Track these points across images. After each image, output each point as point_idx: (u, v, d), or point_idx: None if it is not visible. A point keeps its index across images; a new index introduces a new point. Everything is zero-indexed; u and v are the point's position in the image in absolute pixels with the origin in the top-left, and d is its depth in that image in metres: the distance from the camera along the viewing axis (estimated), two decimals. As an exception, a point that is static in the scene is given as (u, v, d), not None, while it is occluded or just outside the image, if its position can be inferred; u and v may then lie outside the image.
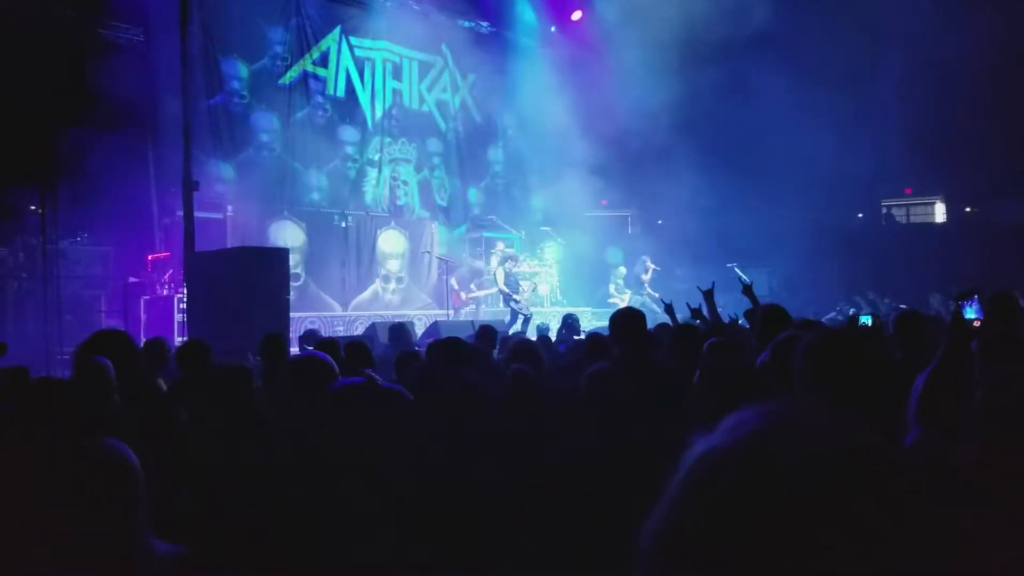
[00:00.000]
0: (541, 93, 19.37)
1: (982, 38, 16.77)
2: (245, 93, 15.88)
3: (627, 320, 4.47)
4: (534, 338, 8.74)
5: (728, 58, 17.43)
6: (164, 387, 4.65)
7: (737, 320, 6.92)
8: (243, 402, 3.28)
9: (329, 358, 2.98)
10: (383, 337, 11.17)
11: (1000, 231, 19.23)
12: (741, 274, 16.46)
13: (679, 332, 5.08)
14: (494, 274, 15.82)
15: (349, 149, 17.58)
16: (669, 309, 6.88)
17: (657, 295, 17.98)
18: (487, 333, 7.18)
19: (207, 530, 2.45)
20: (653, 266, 18.86)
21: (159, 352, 5.77)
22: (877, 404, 1.96)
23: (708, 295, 6.36)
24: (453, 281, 16.67)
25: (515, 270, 15.58)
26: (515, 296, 15.05)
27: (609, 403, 3.18)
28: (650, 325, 5.57)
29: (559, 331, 10.44)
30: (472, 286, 17.30)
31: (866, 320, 6.49)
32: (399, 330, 8.35)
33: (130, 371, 4.01)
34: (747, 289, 6.29)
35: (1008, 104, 17.38)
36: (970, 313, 2.83)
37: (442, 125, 19.45)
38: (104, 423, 2.72)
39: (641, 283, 18.68)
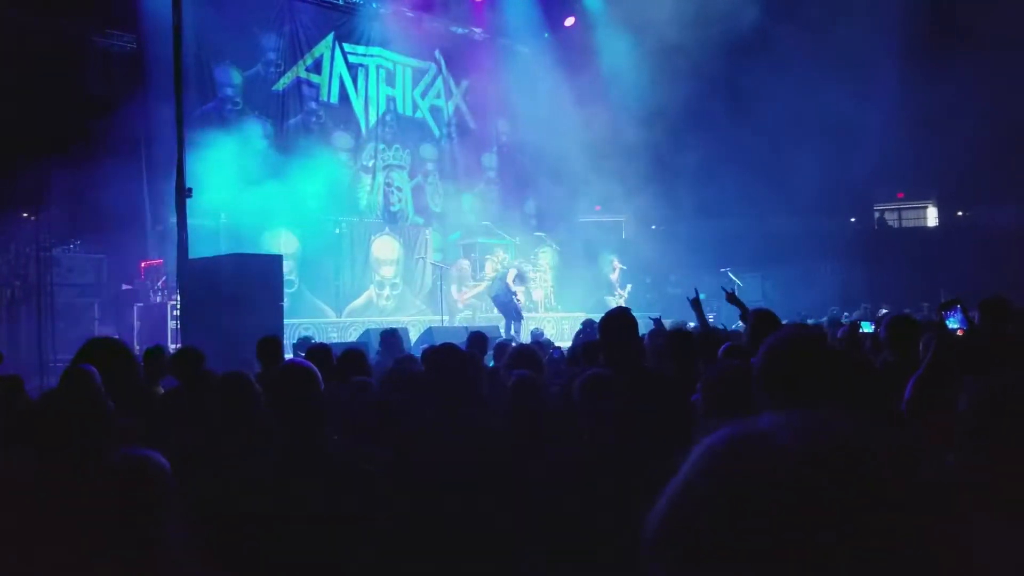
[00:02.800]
0: (534, 99, 19.40)
1: (975, 43, 16.87)
2: (238, 100, 15.88)
3: (616, 321, 4.40)
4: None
5: (721, 64, 17.49)
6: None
7: (723, 328, 6.98)
8: (245, 408, 3.28)
9: (311, 365, 2.95)
10: (377, 343, 11.18)
11: (992, 235, 19.32)
12: (735, 279, 16.53)
13: (673, 337, 5.08)
14: (505, 272, 15.70)
15: (343, 155, 17.58)
16: (658, 323, 6.90)
17: (625, 293, 18.00)
18: (478, 339, 7.18)
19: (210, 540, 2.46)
20: (620, 265, 18.85)
21: (159, 360, 5.74)
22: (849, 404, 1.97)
23: (695, 303, 6.41)
24: (452, 288, 16.70)
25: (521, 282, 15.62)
26: (517, 296, 15.15)
27: (603, 408, 3.18)
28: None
29: (576, 335, 10.40)
30: (465, 288, 17.31)
31: (867, 327, 6.50)
32: (391, 336, 8.34)
33: (125, 379, 3.97)
34: (731, 296, 6.32)
35: (1000, 108, 17.47)
36: (953, 323, 2.87)
37: (436, 131, 19.47)
38: (96, 432, 2.70)
39: (611, 284, 18.63)
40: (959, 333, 2.82)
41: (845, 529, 0.65)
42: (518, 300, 15.13)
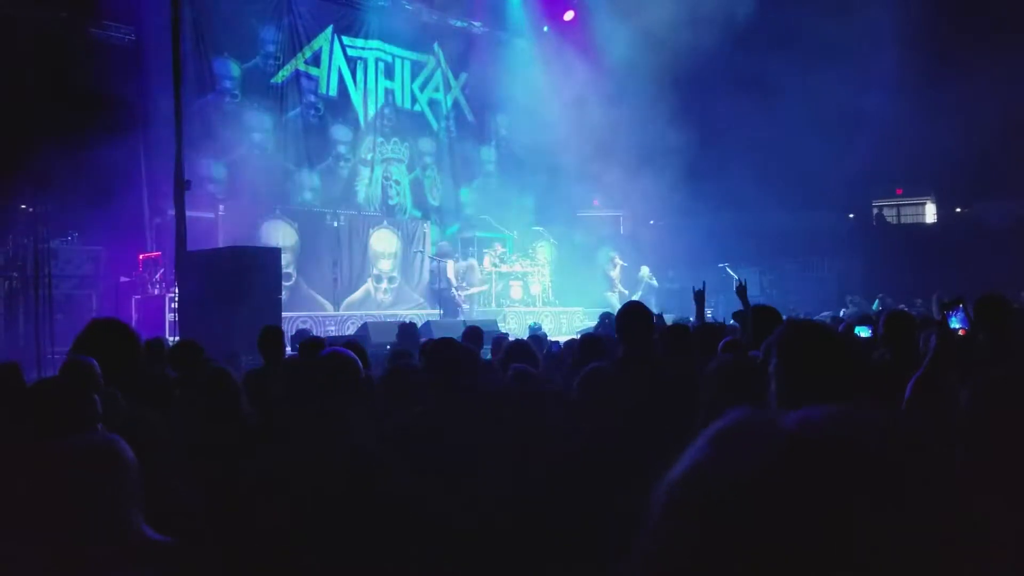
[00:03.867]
0: (533, 93, 19.37)
1: (972, 39, 16.86)
2: (237, 92, 15.85)
3: (629, 314, 4.40)
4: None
5: (720, 59, 17.47)
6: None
7: (719, 322, 6.98)
8: (226, 403, 3.28)
9: (353, 355, 2.97)
10: (375, 337, 11.19)
11: (990, 232, 19.33)
12: (733, 274, 16.52)
13: (669, 332, 5.08)
14: (445, 264, 16.00)
15: (341, 148, 17.56)
16: (659, 319, 6.88)
17: (627, 292, 18.04)
18: (474, 334, 7.14)
19: (200, 524, 2.46)
20: (621, 262, 18.87)
21: (157, 352, 5.72)
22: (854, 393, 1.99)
23: (699, 296, 6.38)
24: (452, 276, 16.71)
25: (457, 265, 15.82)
26: (456, 290, 15.32)
27: (604, 404, 3.18)
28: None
29: (596, 328, 10.37)
30: (464, 284, 17.30)
31: (864, 331, 6.48)
32: (410, 330, 8.31)
33: (129, 361, 3.91)
34: (740, 290, 6.29)
35: (998, 103, 17.47)
36: (955, 323, 2.88)
37: (434, 124, 19.44)
38: (94, 419, 2.70)
39: (611, 280, 18.65)
40: (961, 333, 2.83)
41: (841, 516, 0.66)
42: (458, 295, 15.20)
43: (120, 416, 2.84)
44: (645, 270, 18.74)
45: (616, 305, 16.25)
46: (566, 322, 17.51)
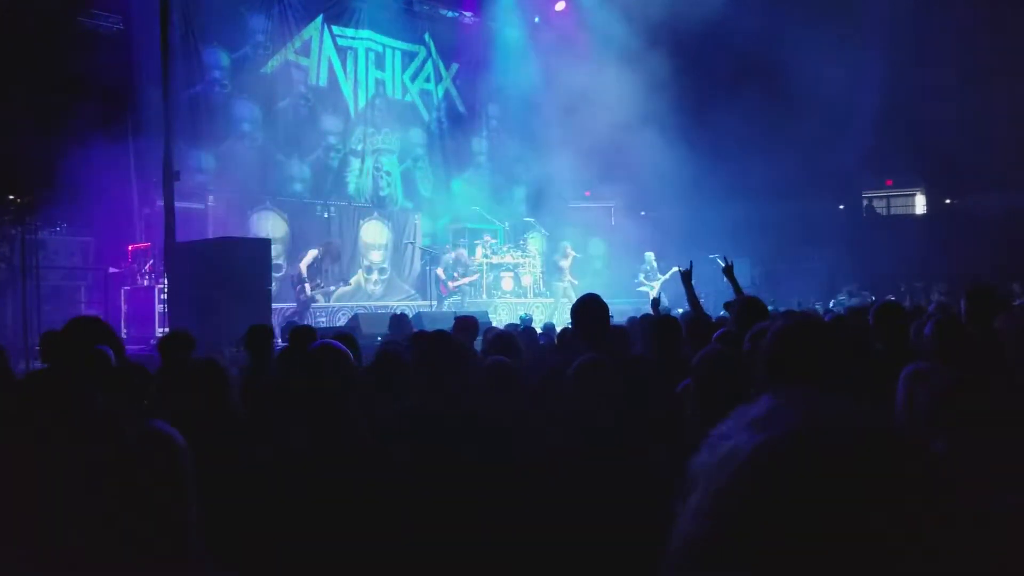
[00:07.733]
0: (524, 83, 19.33)
1: (963, 31, 16.89)
2: (226, 82, 15.74)
3: (584, 308, 4.33)
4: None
5: (711, 51, 17.45)
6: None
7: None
8: (215, 398, 3.25)
9: (344, 347, 2.95)
10: (366, 328, 11.18)
11: (980, 223, 19.40)
12: (723, 264, 16.48)
13: (659, 324, 5.06)
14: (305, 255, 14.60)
15: (332, 139, 17.48)
16: (655, 304, 6.86)
17: (578, 283, 18.01)
18: (466, 325, 7.08)
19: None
20: (573, 252, 18.82)
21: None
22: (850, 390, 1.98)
23: (686, 277, 6.19)
24: (440, 271, 16.65)
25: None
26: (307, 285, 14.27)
27: (598, 394, 3.18)
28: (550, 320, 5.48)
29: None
30: (456, 274, 17.25)
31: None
32: (402, 320, 8.27)
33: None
34: (728, 271, 6.11)
35: (988, 97, 17.51)
36: None
37: (425, 115, 19.37)
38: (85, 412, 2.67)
39: (560, 270, 18.60)
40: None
41: (895, 518, 0.68)
42: (305, 294, 14.20)
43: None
44: (650, 256, 18.59)
45: (573, 296, 16.25)
46: (557, 313, 17.51)
